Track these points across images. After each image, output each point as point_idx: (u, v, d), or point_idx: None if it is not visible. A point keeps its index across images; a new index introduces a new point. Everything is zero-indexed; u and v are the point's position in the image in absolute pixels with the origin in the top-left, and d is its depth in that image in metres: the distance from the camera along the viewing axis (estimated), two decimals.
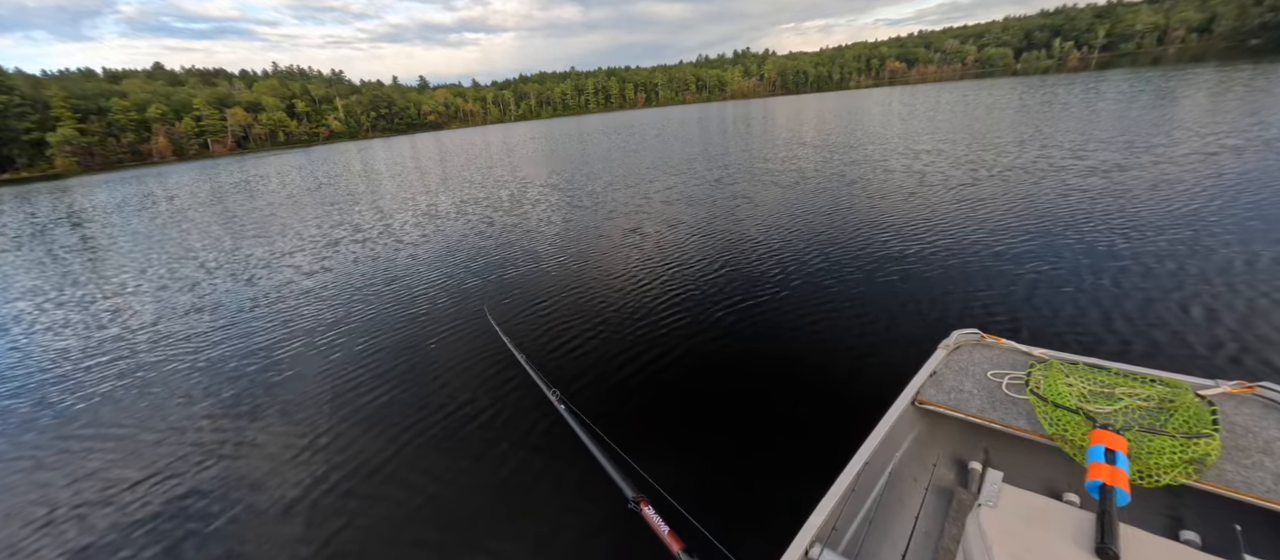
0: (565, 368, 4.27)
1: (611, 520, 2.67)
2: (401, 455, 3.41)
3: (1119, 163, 9.66)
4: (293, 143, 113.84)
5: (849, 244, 6.76)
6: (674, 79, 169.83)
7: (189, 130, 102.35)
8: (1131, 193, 7.60)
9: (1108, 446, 1.70)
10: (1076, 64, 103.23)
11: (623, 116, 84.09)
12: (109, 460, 3.84)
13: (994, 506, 1.51)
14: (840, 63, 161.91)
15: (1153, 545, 1.34)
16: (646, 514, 2.10)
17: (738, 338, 4.54)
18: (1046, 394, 2.14)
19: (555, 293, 5.78)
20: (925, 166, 11.50)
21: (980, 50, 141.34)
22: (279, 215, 14.70)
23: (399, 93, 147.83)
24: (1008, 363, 2.49)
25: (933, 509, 2.29)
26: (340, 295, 6.92)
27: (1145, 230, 6.03)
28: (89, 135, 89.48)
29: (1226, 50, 76.64)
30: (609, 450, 2.45)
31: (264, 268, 8.93)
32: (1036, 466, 2.31)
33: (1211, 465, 1.72)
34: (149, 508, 3.28)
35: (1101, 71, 57.41)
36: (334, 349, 5.23)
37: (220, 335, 6.01)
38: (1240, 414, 1.95)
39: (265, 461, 3.57)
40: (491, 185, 15.71)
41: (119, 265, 10.34)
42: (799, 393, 3.66)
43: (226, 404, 4.42)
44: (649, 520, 2.07)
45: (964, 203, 8.12)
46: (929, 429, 2.51)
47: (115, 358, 5.65)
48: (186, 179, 37.01)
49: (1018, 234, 6.42)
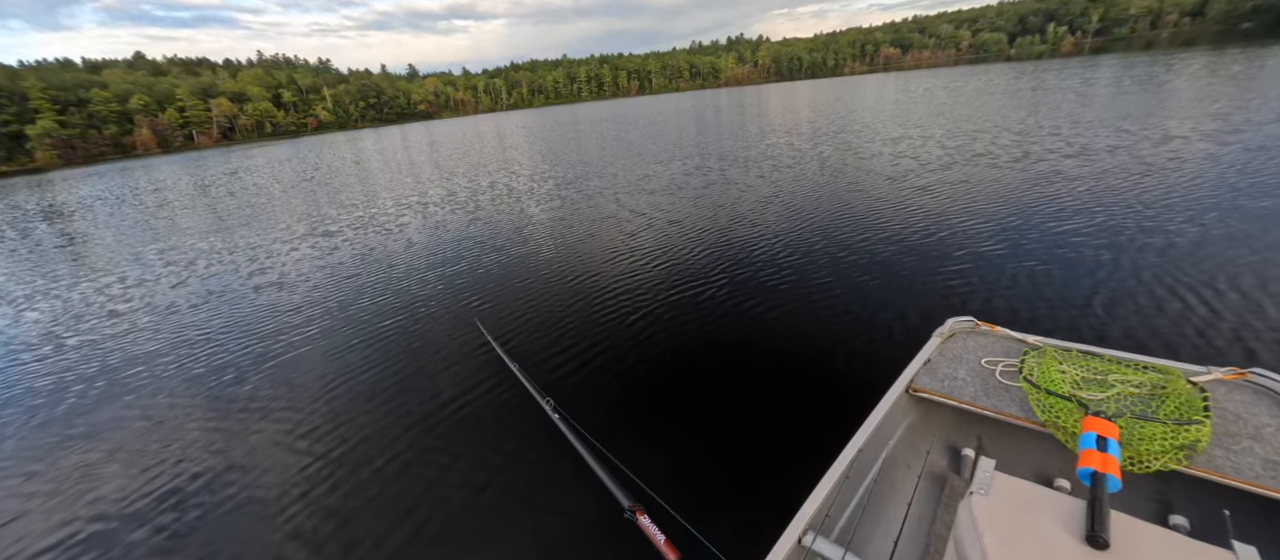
0: (557, 374, 4.16)
1: (607, 531, 2.62)
2: (390, 467, 3.34)
3: (1114, 149, 9.67)
4: (280, 134, 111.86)
5: (843, 233, 6.73)
6: (667, 66, 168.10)
7: (173, 122, 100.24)
8: (1127, 179, 7.60)
9: (1099, 433, 1.72)
10: (1070, 49, 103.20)
11: (616, 105, 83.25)
12: (94, 456, 3.78)
13: (985, 494, 1.52)
14: (835, 49, 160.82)
15: (1143, 531, 1.35)
16: (642, 523, 2.08)
17: (732, 334, 4.50)
18: (1039, 381, 2.15)
19: (546, 298, 5.66)
20: (919, 153, 11.46)
21: (975, 35, 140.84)
22: (271, 212, 14.47)
23: (388, 82, 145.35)
24: (1002, 350, 2.49)
25: (926, 495, 2.31)
26: (327, 297, 6.82)
27: (1142, 217, 6.04)
28: (70, 128, 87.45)
29: (1219, 34, 76.85)
30: (603, 459, 2.42)
31: (254, 270, 8.78)
32: (1029, 453, 2.33)
33: (1202, 451, 1.75)
34: (133, 505, 3.24)
35: (1095, 57, 57.42)
36: (322, 354, 5.15)
37: (206, 345, 5.90)
38: (1231, 400, 1.97)
39: (249, 477, 3.50)
40: (483, 182, 15.54)
41: (106, 260, 10.13)
42: (795, 387, 3.64)
43: (209, 420, 4.34)
44: (645, 530, 2.05)
45: (960, 189, 8.09)
46: (923, 416, 2.53)
47: (94, 355, 5.55)
48: (169, 173, 36.32)
49: (1014, 221, 6.41)
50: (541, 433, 3.34)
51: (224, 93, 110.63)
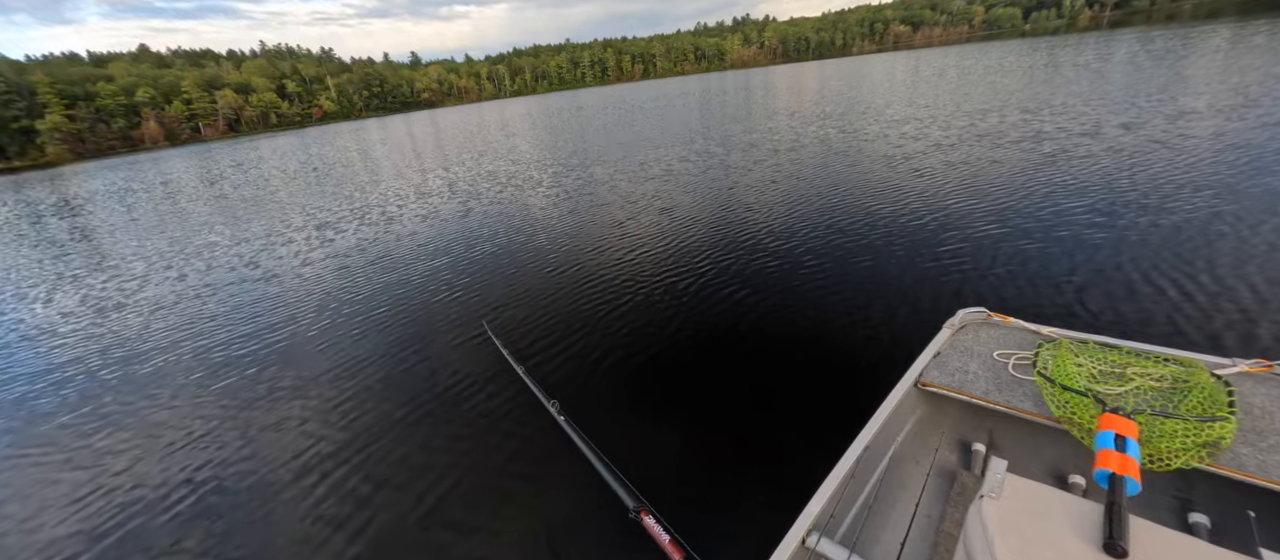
0: (561, 374, 4.11)
1: (612, 532, 2.60)
2: (393, 468, 3.33)
3: (1133, 129, 9.36)
4: (285, 124, 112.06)
5: (851, 221, 6.60)
6: (672, 49, 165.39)
7: (179, 114, 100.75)
8: (1149, 161, 7.36)
9: (1118, 432, 1.64)
10: (1088, 23, 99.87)
11: (621, 90, 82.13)
12: (105, 446, 3.85)
13: (996, 497, 1.45)
14: (843, 27, 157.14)
15: (1164, 539, 1.27)
16: (647, 524, 2.06)
17: (738, 330, 4.43)
18: (1054, 375, 2.07)
19: (553, 298, 5.56)
20: (932, 136, 11.18)
21: (987, 10, 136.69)
22: (280, 206, 14.53)
23: (391, 70, 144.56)
24: (1015, 342, 2.41)
25: (935, 493, 2.25)
26: (331, 295, 6.85)
27: (1164, 200, 5.85)
28: (78, 122, 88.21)
29: (1243, 4, 73.92)
30: (608, 461, 2.39)
31: (253, 266, 8.84)
32: (1043, 449, 2.26)
33: (1226, 448, 1.67)
34: (141, 495, 3.30)
35: (1114, 31, 55.52)
36: (330, 352, 5.17)
37: (217, 337, 5.96)
38: (1258, 394, 1.88)
39: (253, 471, 3.54)
40: (489, 176, 15.47)
41: (120, 254, 10.25)
42: (805, 382, 3.58)
43: (218, 410, 4.39)
44: (650, 530, 2.03)
45: (973, 175, 7.90)
46: (932, 411, 2.46)
47: (112, 348, 5.63)
48: (179, 166, 36.59)
49: (1028, 205, 6.24)
50: (547, 434, 3.31)
51: (228, 84, 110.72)
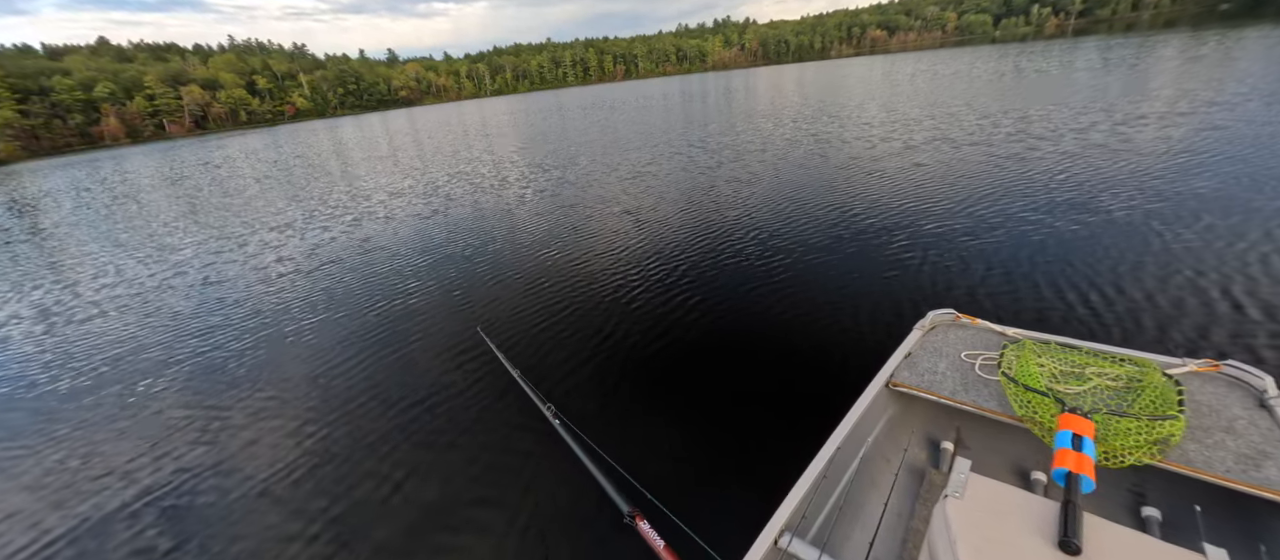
0: (555, 377, 4.13)
1: (606, 536, 2.63)
2: (386, 472, 3.31)
3: (1095, 137, 9.80)
4: (256, 121, 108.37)
5: (827, 223, 6.75)
6: (654, 50, 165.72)
7: (142, 110, 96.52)
8: (1109, 167, 7.72)
9: (1075, 431, 1.73)
10: (1054, 30, 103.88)
11: (603, 90, 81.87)
12: (84, 449, 3.72)
13: (960, 497, 1.52)
14: (821, 31, 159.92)
15: (1115, 535, 1.36)
16: (642, 528, 2.10)
17: (730, 334, 4.50)
18: (1017, 375, 2.16)
19: (546, 302, 5.55)
20: (906, 140, 11.50)
21: (960, 17, 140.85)
22: (254, 206, 14.07)
23: (367, 67, 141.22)
24: (982, 343, 2.50)
25: (904, 490, 2.31)
26: (320, 298, 6.71)
27: (1122, 205, 6.14)
28: (32, 118, 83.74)
29: (1198, 16, 77.88)
30: (603, 464, 2.42)
31: (235, 272, 8.59)
32: (1007, 447, 2.36)
33: (1176, 445, 1.77)
34: (126, 496, 3.22)
35: (1077, 39, 57.84)
36: (319, 354, 5.08)
37: (194, 340, 5.79)
38: (1205, 393, 2.00)
39: (241, 477, 3.46)
40: (473, 176, 15.29)
41: (83, 254, 9.81)
42: (798, 385, 3.66)
43: (199, 417, 4.28)
44: (644, 535, 2.07)
45: (943, 179, 8.16)
46: (902, 411, 2.53)
47: (82, 351, 5.40)
48: (140, 164, 35.06)
49: (997, 211, 6.48)
50: (543, 438, 3.33)
51: (195, 80, 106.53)
